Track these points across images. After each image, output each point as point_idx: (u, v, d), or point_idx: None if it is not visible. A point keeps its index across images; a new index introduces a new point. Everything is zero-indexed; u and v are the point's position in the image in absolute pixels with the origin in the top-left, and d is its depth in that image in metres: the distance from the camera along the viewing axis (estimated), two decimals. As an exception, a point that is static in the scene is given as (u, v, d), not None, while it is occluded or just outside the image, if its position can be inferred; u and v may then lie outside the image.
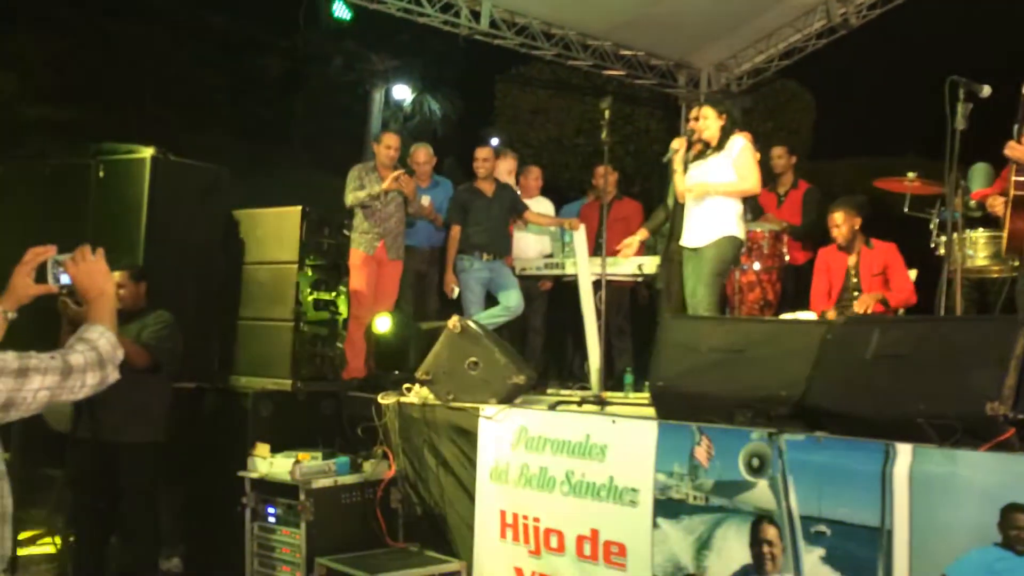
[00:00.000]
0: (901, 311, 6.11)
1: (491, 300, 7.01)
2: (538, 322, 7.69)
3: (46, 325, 4.57)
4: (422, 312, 7.42)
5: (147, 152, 6.00)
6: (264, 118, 18.46)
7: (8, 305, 2.67)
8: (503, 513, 4.89)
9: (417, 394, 5.47)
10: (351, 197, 6.80)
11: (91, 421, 5.14)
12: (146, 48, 16.79)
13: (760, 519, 3.82)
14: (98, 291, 2.59)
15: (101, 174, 6.12)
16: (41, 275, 2.66)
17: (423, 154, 7.68)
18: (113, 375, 2.48)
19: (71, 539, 5.64)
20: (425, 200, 7.31)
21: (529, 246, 7.65)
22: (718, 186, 5.68)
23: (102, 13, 16.31)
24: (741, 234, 5.75)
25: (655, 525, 4.18)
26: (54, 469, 5.86)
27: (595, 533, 4.44)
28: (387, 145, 7.02)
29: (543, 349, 7.75)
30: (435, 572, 4.94)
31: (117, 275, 4.89)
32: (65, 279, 2.63)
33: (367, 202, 6.78)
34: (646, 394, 4.97)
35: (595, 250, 6.55)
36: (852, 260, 6.25)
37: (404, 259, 7.13)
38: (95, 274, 2.60)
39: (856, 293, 6.19)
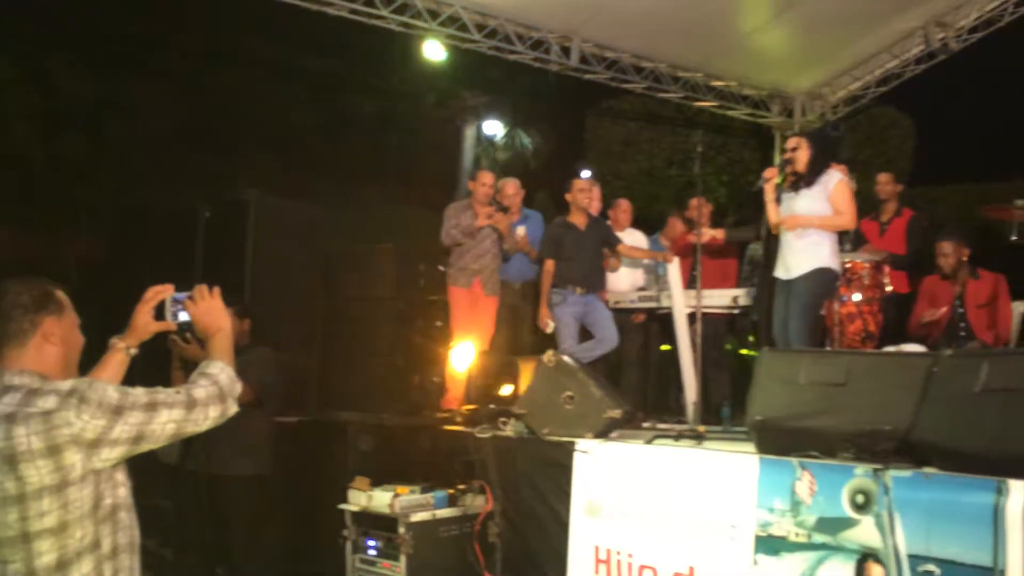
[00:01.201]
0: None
1: (585, 334, 7.01)
2: (633, 355, 7.65)
3: (158, 362, 4.74)
4: (516, 346, 7.45)
5: (250, 194, 6.21)
6: (359, 156, 18.85)
7: (130, 341, 2.80)
8: (597, 548, 4.85)
9: (513, 428, 5.49)
10: (447, 235, 6.91)
11: (198, 454, 5.31)
12: (245, 92, 17.38)
13: (865, 557, 3.72)
14: (216, 328, 2.70)
15: (208, 216, 6.36)
16: (160, 313, 2.78)
17: (511, 187, 7.74)
18: (232, 408, 2.58)
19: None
20: (520, 231, 7.36)
21: (622, 279, 7.64)
22: (813, 220, 5.60)
23: (203, 59, 16.95)
24: (836, 266, 5.65)
25: (755, 562, 4.10)
26: (164, 501, 6.06)
27: (692, 571, 4.38)
28: (483, 182, 7.12)
29: (639, 383, 7.69)
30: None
31: (223, 312, 5.06)
32: (184, 316, 2.74)
33: (463, 239, 6.87)
34: (744, 428, 4.89)
35: (689, 282, 6.51)
36: (958, 290, 6.08)
37: (500, 294, 7.20)
38: (213, 312, 2.71)
39: (962, 324, 6.01)
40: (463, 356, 6.83)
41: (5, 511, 2.30)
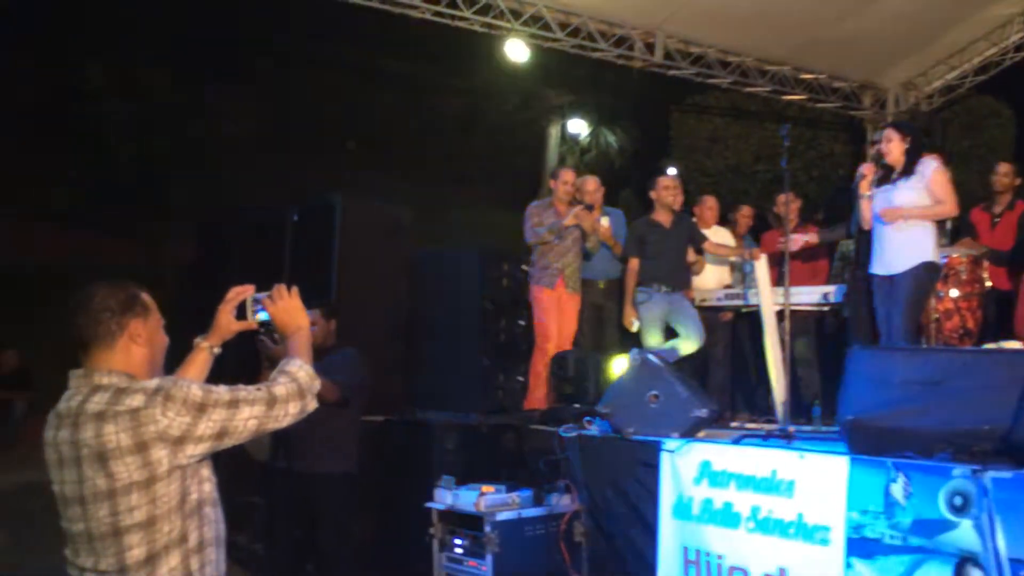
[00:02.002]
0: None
1: (671, 332, 6.93)
2: (720, 354, 7.54)
3: (249, 363, 4.85)
4: (601, 345, 7.41)
5: (336, 197, 6.30)
6: (443, 158, 19.03)
7: (213, 341, 2.88)
8: (685, 550, 4.79)
9: (598, 427, 5.46)
10: (531, 234, 6.91)
11: (287, 452, 5.40)
12: (331, 96, 17.69)
13: (963, 561, 3.59)
14: (295, 327, 2.75)
15: (296, 218, 6.47)
16: (241, 312, 2.84)
17: (592, 184, 7.67)
18: (312, 404, 2.62)
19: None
20: (604, 221, 7.30)
21: (709, 277, 7.53)
22: (914, 211, 5.42)
23: (289, 64, 17.30)
24: (939, 260, 5.47)
25: (848, 565, 4.00)
26: (256, 497, 6.18)
27: (783, 573, 4.29)
28: (564, 181, 7.11)
29: (725, 382, 7.58)
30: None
31: (310, 313, 5.13)
32: (264, 316, 2.80)
33: (547, 238, 6.87)
34: (835, 428, 4.77)
35: (778, 280, 6.38)
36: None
37: (584, 293, 7.17)
38: (291, 311, 2.76)
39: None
40: (547, 355, 6.82)
41: (97, 506, 2.37)
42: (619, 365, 5.51)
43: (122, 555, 2.36)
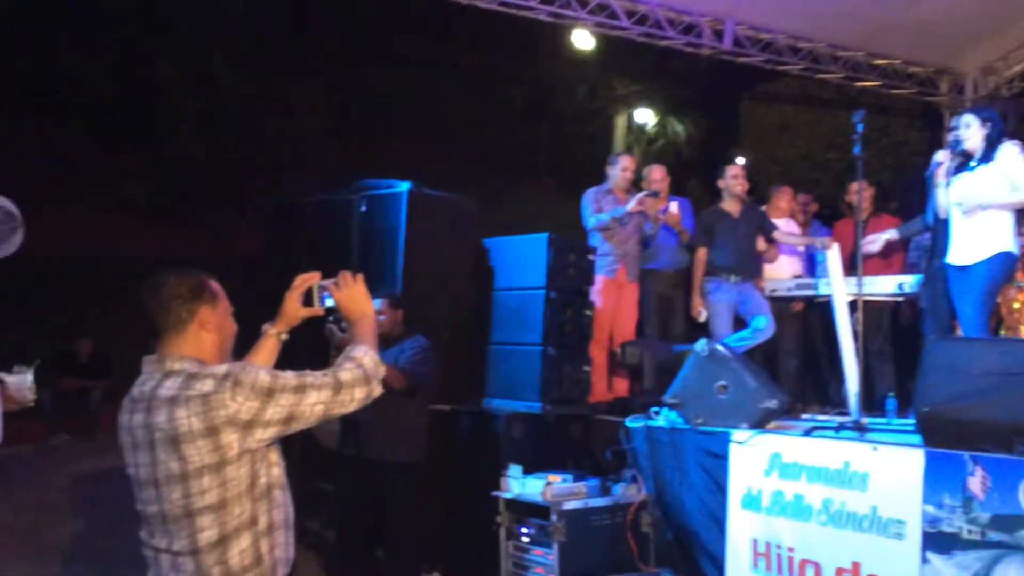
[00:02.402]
0: None
1: (740, 323, 6.85)
2: (790, 345, 7.42)
3: (318, 350, 4.91)
4: (668, 335, 7.35)
5: (403, 186, 6.32)
6: (510, 148, 19.05)
7: (280, 327, 2.91)
8: (755, 542, 4.74)
9: (665, 418, 5.42)
10: (593, 220, 6.87)
11: (356, 440, 5.46)
12: (398, 87, 17.82)
13: (1046, 558, 3.49)
14: (359, 313, 2.76)
15: (363, 208, 6.51)
16: (308, 299, 2.87)
17: (658, 172, 7.59)
18: (377, 390, 2.63)
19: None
20: (673, 207, 7.22)
21: (782, 267, 7.41)
22: (993, 199, 5.26)
23: (356, 56, 17.46)
24: (1016, 249, 5.30)
25: (924, 560, 3.91)
26: (326, 484, 6.26)
27: (856, 567, 4.22)
28: (624, 167, 7.06)
29: (796, 373, 7.46)
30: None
31: (377, 303, 5.17)
32: (329, 302, 2.82)
33: (611, 226, 6.83)
34: (911, 420, 4.67)
35: (850, 269, 6.25)
36: None
37: (648, 282, 7.13)
38: (356, 297, 2.77)
39: None
40: (608, 344, 6.80)
41: (170, 489, 2.42)
42: (687, 356, 5.45)
43: (195, 536, 2.41)
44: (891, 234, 6.34)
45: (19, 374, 4.22)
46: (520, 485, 5.40)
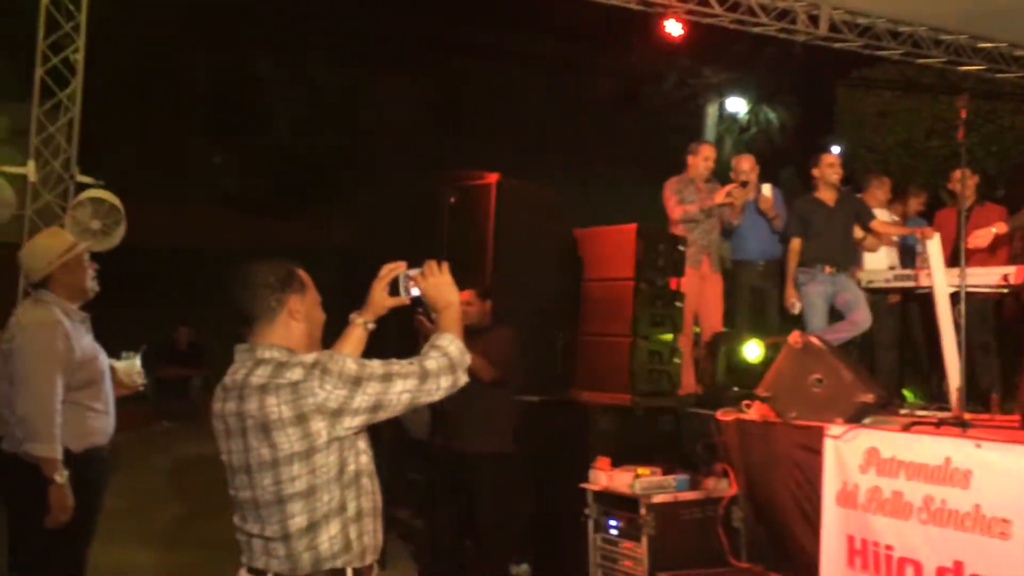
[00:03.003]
0: None
1: (835, 315, 6.68)
2: (888, 338, 7.22)
3: (407, 340, 4.95)
4: (760, 328, 7.22)
5: (492, 177, 6.33)
6: (599, 138, 18.96)
7: (368, 316, 2.95)
8: (851, 539, 4.62)
9: (757, 411, 5.33)
10: (679, 211, 6.78)
11: (445, 430, 5.50)
12: (487, 79, 17.89)
13: None
14: (445, 302, 2.77)
15: (453, 200, 6.55)
16: (394, 288, 2.89)
17: (747, 163, 7.44)
18: (463, 378, 2.64)
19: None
20: (765, 190, 7.07)
21: (881, 258, 7.20)
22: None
23: (446, 49, 17.58)
24: None
25: (1032, 562, 3.76)
26: (416, 474, 6.33)
27: (959, 566, 4.07)
28: (705, 156, 6.96)
29: (895, 367, 7.25)
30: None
31: (466, 293, 5.20)
32: (415, 292, 2.83)
33: (698, 217, 6.74)
34: (1017, 416, 4.50)
35: (952, 260, 6.04)
36: None
37: (739, 273, 7.02)
38: (442, 286, 2.78)
39: None
40: (693, 336, 6.73)
41: (261, 475, 2.46)
42: (780, 348, 5.35)
43: (285, 523, 2.45)
44: (999, 227, 6.10)
45: (127, 360, 4.35)
46: (608, 477, 5.38)
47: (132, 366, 4.33)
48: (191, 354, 13.10)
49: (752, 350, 6.29)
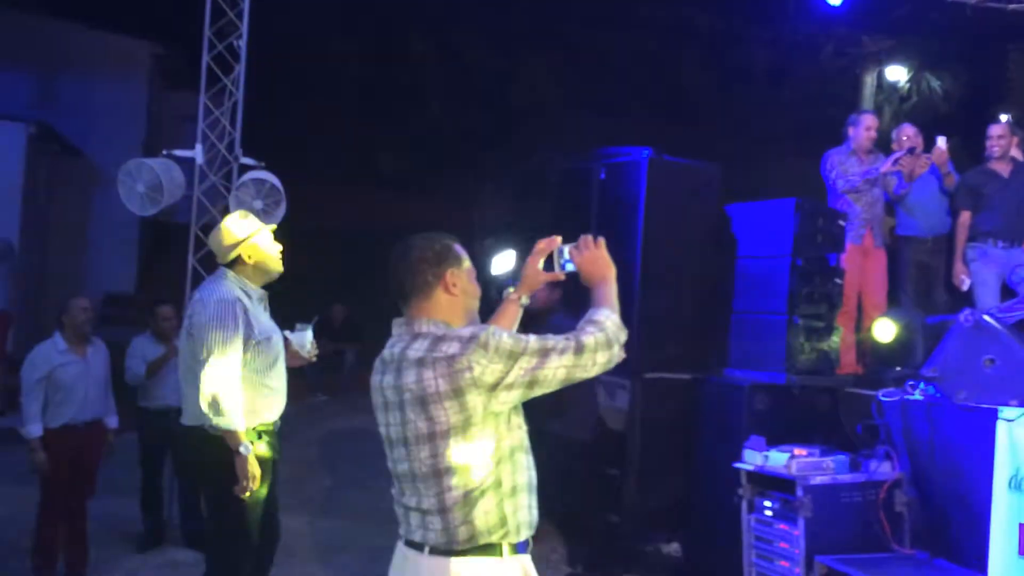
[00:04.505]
0: None
1: (1008, 293, 6.32)
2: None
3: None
4: (927, 305, 6.90)
5: (643, 154, 6.26)
6: (751, 111, 18.49)
7: (523, 291, 2.95)
8: (1023, 528, 4.39)
9: (923, 392, 5.11)
10: (843, 182, 6.54)
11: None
12: (635, 53, 17.68)
13: None
14: (600, 277, 2.74)
15: (602, 176, 6.51)
16: (549, 264, 2.88)
17: (909, 130, 7.08)
18: (620, 355, 2.60)
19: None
20: (940, 142, 6.71)
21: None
22: None
23: (594, 25, 17.44)
24: None
25: None
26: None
27: None
28: (867, 127, 6.70)
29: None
30: (948, 585, 4.56)
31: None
32: (570, 267, 2.82)
33: (861, 187, 6.48)
34: None
35: None
36: None
37: (904, 249, 6.73)
38: (598, 261, 2.75)
39: None
40: (855, 315, 6.49)
41: (419, 448, 2.49)
42: (948, 327, 5.11)
43: (442, 495, 2.47)
44: None
45: (301, 330, 4.51)
46: (763, 458, 5.26)
47: (305, 337, 4.48)
48: (346, 330, 13.50)
49: (885, 329, 6.00)
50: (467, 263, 2.68)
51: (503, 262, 4.03)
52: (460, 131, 17.15)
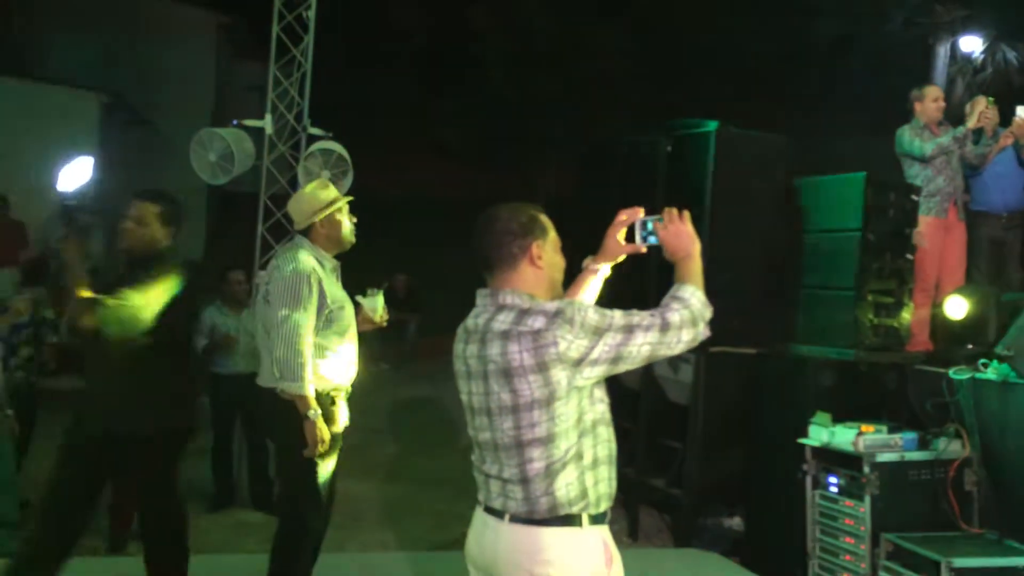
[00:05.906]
0: None
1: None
2: None
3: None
4: (1002, 282, 6.75)
5: (711, 126, 6.19)
6: (819, 83, 18.16)
7: (603, 262, 2.92)
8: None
9: (996, 371, 5.02)
10: (930, 146, 6.33)
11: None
12: (704, 25, 17.43)
13: None
14: (684, 252, 2.71)
15: (669, 149, 6.45)
16: (630, 236, 2.84)
17: (982, 102, 6.89)
18: (704, 332, 2.59)
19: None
20: (1021, 111, 6.51)
21: None
22: None
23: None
24: None
25: None
26: (630, 423, 6.36)
27: None
28: (934, 98, 6.53)
29: None
30: (1019, 565, 4.49)
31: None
32: (652, 240, 2.77)
33: (950, 147, 6.30)
34: None
35: None
36: None
37: (978, 225, 6.58)
38: (682, 235, 2.71)
39: None
40: (933, 292, 6.36)
41: (501, 419, 2.51)
42: (1023, 304, 5.00)
43: (524, 466, 2.48)
44: None
45: (372, 296, 4.58)
46: (829, 434, 5.22)
47: (376, 302, 4.55)
48: (408, 300, 13.63)
49: (956, 306, 5.86)
50: (552, 234, 2.65)
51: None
52: (525, 102, 17.09)
